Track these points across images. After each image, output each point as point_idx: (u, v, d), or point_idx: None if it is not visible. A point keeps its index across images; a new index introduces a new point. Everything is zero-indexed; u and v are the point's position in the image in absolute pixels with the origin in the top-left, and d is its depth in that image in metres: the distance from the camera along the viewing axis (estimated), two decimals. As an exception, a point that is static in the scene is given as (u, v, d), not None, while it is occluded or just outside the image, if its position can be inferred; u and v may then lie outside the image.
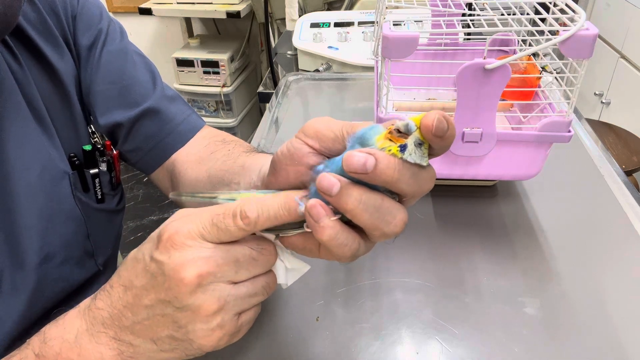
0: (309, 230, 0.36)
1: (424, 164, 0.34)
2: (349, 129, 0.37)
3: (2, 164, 0.52)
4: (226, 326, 0.37)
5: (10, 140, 0.52)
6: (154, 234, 0.37)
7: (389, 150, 0.33)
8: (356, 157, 0.32)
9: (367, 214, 0.34)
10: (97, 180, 0.61)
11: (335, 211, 0.35)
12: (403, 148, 0.32)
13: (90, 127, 0.62)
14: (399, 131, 0.33)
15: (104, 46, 0.61)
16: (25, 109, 0.54)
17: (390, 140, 0.33)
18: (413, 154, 0.33)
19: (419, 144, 0.33)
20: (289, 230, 0.38)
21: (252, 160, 0.54)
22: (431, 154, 0.34)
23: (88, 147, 0.60)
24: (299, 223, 0.37)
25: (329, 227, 0.34)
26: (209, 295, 0.35)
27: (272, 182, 0.42)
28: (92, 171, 0.60)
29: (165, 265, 0.35)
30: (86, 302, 0.41)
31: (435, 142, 0.33)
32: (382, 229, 0.35)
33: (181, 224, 0.36)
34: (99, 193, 0.61)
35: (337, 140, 0.38)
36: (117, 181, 0.65)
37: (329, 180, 0.34)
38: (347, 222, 0.35)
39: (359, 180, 0.33)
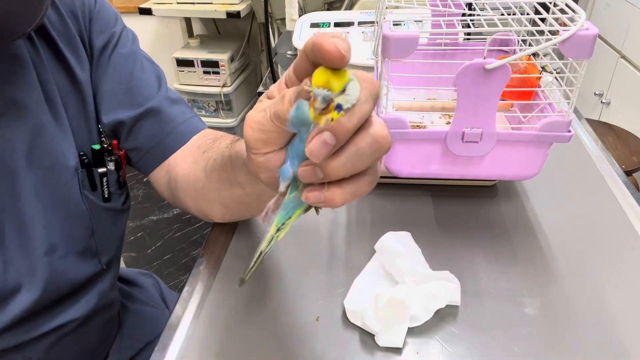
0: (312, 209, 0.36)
1: (354, 100, 0.32)
2: (274, 118, 0.34)
3: (17, 154, 0.53)
4: None
5: (27, 133, 0.54)
6: None
7: (332, 120, 0.31)
8: (315, 147, 0.31)
9: (360, 163, 0.33)
10: (104, 179, 0.62)
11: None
12: (339, 108, 0.31)
13: (100, 127, 0.63)
14: (324, 108, 0.31)
15: (115, 48, 0.63)
16: (44, 104, 0.55)
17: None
18: (347, 103, 0.31)
19: (343, 91, 0.31)
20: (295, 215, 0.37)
21: (237, 149, 0.51)
22: None
23: (97, 147, 0.61)
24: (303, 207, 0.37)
25: (336, 197, 0.34)
26: None
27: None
28: (100, 170, 0.61)
29: None
30: None
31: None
32: (379, 157, 0.34)
33: None
34: (106, 192, 0.62)
35: (273, 137, 0.36)
36: (124, 180, 0.66)
37: (312, 172, 0.33)
38: None
39: None
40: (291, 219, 0.38)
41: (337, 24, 1.28)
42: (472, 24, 0.62)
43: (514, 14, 0.64)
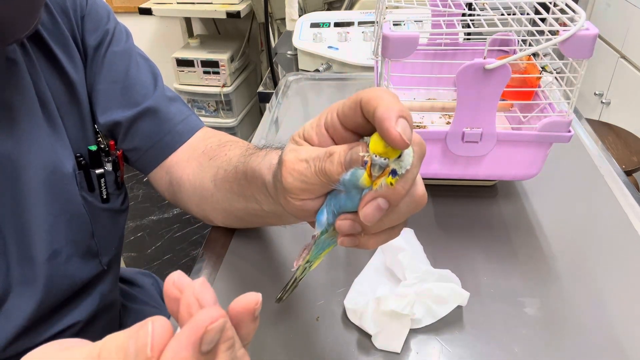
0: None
1: (409, 166, 0.33)
2: (321, 174, 0.35)
3: (14, 161, 0.53)
4: None
5: (22, 138, 0.53)
6: None
7: (392, 185, 0.32)
8: (370, 211, 0.33)
9: (397, 220, 0.35)
10: (102, 180, 0.61)
11: None
12: (393, 173, 0.32)
13: (96, 127, 0.62)
14: (379, 168, 0.32)
15: (109, 46, 0.62)
16: (37, 107, 0.55)
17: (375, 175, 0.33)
18: (401, 168, 0.32)
19: (398, 157, 0.32)
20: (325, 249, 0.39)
21: (253, 167, 0.50)
22: None
23: (93, 147, 0.61)
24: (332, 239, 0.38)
25: (370, 244, 0.36)
26: None
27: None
28: (97, 171, 0.61)
29: None
30: None
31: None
32: (414, 213, 0.36)
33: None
34: (104, 193, 0.62)
35: (314, 189, 0.36)
36: (122, 180, 0.66)
37: (351, 226, 0.35)
38: None
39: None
40: (322, 254, 0.40)
41: (337, 24, 1.29)
42: (472, 24, 0.62)
43: (514, 14, 0.64)
